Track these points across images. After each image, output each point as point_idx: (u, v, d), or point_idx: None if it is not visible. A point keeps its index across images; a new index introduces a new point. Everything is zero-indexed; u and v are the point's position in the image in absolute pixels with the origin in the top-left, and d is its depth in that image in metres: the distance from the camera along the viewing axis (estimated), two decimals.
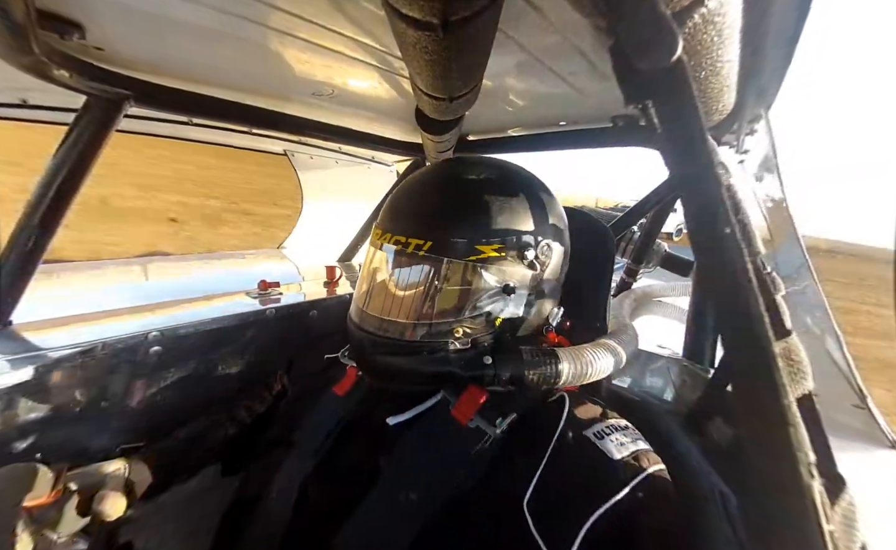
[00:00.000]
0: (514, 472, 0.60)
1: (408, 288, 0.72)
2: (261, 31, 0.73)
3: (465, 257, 0.67)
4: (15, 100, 1.13)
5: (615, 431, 0.64)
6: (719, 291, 0.39)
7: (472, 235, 0.67)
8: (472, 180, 0.73)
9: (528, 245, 0.70)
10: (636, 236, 1.60)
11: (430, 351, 0.69)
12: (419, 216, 0.71)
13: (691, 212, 0.40)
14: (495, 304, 0.69)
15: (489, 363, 0.67)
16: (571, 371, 0.68)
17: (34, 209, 0.87)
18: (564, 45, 0.73)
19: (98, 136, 0.89)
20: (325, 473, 0.73)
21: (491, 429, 0.63)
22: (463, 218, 0.68)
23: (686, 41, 0.36)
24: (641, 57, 0.36)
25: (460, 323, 0.69)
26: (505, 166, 0.79)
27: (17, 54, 0.63)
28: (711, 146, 0.38)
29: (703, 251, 0.40)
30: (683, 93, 0.37)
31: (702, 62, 0.46)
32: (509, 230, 0.69)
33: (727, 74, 0.52)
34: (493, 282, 0.69)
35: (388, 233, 0.71)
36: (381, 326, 0.71)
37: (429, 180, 0.78)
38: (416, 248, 0.67)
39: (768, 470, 0.35)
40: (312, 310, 1.36)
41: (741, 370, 0.38)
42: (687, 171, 0.40)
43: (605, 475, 0.57)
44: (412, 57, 0.56)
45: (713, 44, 0.43)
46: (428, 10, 0.44)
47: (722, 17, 0.40)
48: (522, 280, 0.71)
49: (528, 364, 0.67)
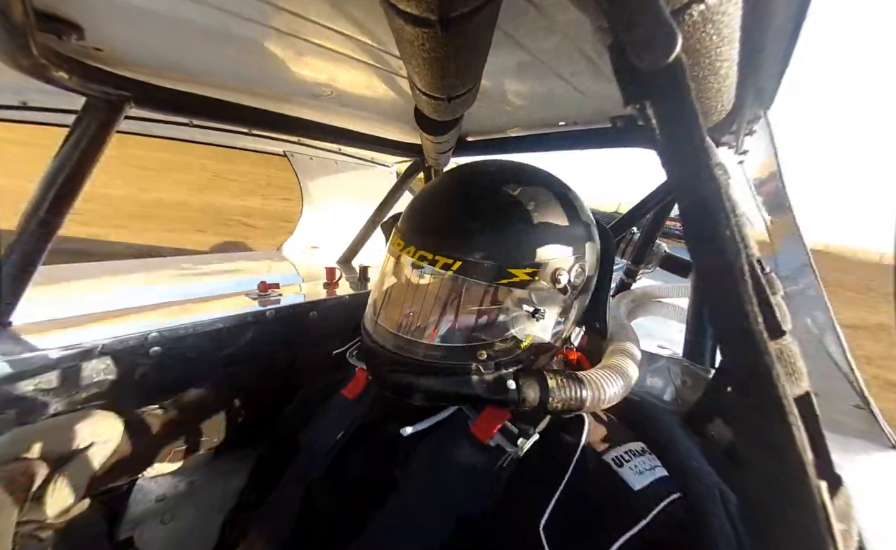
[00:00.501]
0: (532, 494, 0.59)
1: (431, 308, 0.69)
2: (261, 31, 0.73)
3: (495, 280, 0.64)
4: (15, 102, 1.13)
5: (634, 457, 0.63)
6: (716, 293, 0.38)
7: (504, 258, 0.64)
8: (506, 193, 0.68)
9: (562, 269, 0.66)
10: (636, 237, 1.59)
11: (452, 372, 0.66)
12: (448, 231, 0.67)
13: (688, 213, 0.40)
14: (522, 327, 0.67)
15: (513, 388, 0.64)
16: (594, 397, 0.67)
17: (35, 210, 0.87)
18: (564, 45, 0.73)
19: (98, 138, 0.89)
20: (335, 481, 0.71)
21: (512, 449, 0.62)
22: (495, 238, 0.65)
23: (685, 39, 0.36)
24: (640, 55, 0.36)
25: (484, 346, 0.66)
26: (539, 175, 0.75)
27: (15, 56, 0.63)
28: (709, 147, 0.37)
29: (699, 252, 0.40)
30: (682, 92, 0.37)
31: (700, 61, 0.46)
32: (543, 252, 0.66)
33: (726, 74, 0.52)
34: (522, 306, 0.66)
35: (412, 245, 0.67)
36: (399, 343, 0.69)
37: (458, 190, 0.73)
38: (443, 267, 0.64)
39: (771, 472, 0.35)
40: (312, 311, 1.36)
41: (739, 371, 0.38)
42: (684, 172, 0.40)
43: (625, 504, 0.57)
44: (410, 55, 0.55)
45: (712, 42, 0.43)
46: (426, 7, 0.43)
47: (721, 15, 0.40)
48: (553, 303, 0.69)
49: (552, 391, 0.65)
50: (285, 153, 1.96)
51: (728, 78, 0.54)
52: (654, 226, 1.54)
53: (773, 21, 0.55)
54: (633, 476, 0.59)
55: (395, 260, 0.73)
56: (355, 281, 1.67)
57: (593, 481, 0.60)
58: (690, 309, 1.18)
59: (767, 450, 0.35)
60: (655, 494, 0.58)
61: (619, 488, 0.58)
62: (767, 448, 0.35)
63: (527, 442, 0.62)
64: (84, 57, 0.80)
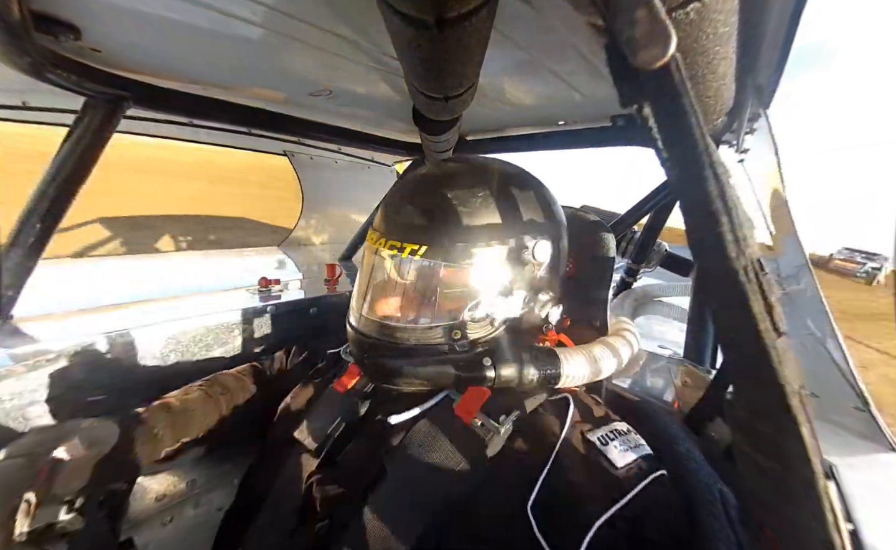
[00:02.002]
0: (519, 473, 0.60)
1: (404, 292, 0.72)
2: (259, 31, 0.73)
3: (460, 260, 0.67)
4: (16, 102, 1.13)
5: (618, 436, 0.64)
6: (718, 293, 0.38)
7: (466, 238, 0.67)
8: (465, 181, 0.72)
9: (524, 245, 0.70)
10: (637, 236, 1.59)
11: (429, 353, 0.69)
12: (414, 219, 0.70)
13: (688, 212, 0.40)
14: (493, 305, 0.69)
15: (488, 365, 0.67)
16: (572, 371, 0.69)
17: (35, 207, 0.87)
18: (562, 45, 0.73)
19: (98, 137, 0.90)
20: (331, 475, 0.72)
21: (494, 427, 0.63)
22: (457, 221, 0.68)
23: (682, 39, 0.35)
24: (636, 55, 0.35)
25: (458, 325, 0.68)
26: (500, 166, 0.78)
27: (13, 56, 0.63)
28: (709, 146, 0.37)
29: (700, 252, 0.39)
30: (679, 92, 0.36)
31: (698, 60, 0.45)
32: (504, 230, 0.69)
33: (725, 73, 0.51)
34: (489, 284, 0.69)
35: (383, 237, 0.71)
36: (378, 329, 0.72)
37: (422, 182, 0.77)
38: (411, 253, 0.67)
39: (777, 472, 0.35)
40: (313, 307, 1.36)
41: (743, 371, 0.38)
42: (684, 172, 0.40)
43: (610, 481, 0.58)
44: (407, 56, 0.55)
45: (710, 41, 0.43)
46: (422, 8, 0.43)
47: (718, 13, 0.40)
48: (519, 279, 0.71)
49: (527, 364, 0.67)
50: (285, 152, 1.96)
51: (727, 77, 0.53)
52: (654, 224, 1.53)
53: (770, 19, 0.55)
54: (617, 454, 0.61)
55: (371, 254, 0.76)
56: (355, 277, 1.68)
57: (579, 459, 0.61)
58: (691, 308, 1.18)
59: (773, 451, 0.35)
60: (639, 471, 0.60)
61: (603, 465, 0.60)
62: (772, 448, 0.35)
63: (508, 419, 0.64)
64: (82, 57, 0.80)
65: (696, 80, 0.49)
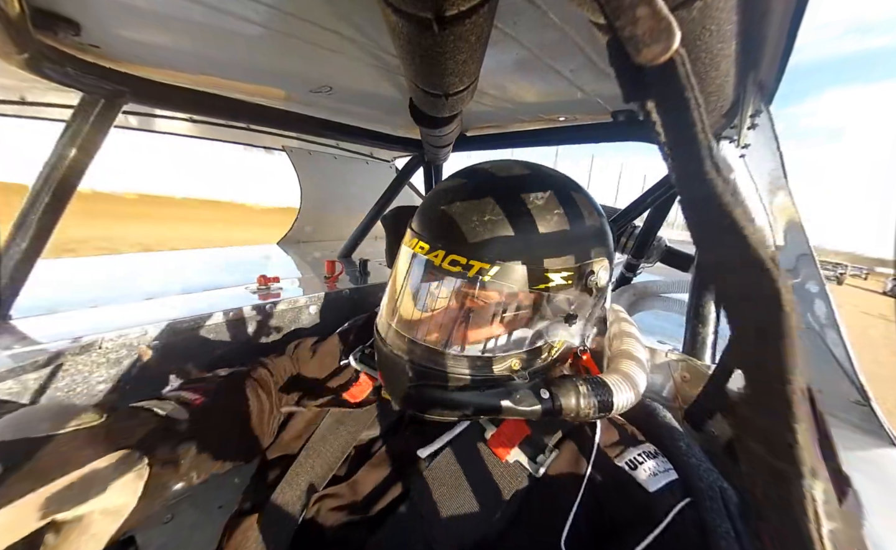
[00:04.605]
0: (551, 507, 0.59)
1: (464, 316, 0.64)
2: (258, 27, 0.72)
3: (534, 286, 0.61)
4: (14, 97, 1.13)
5: (647, 459, 0.63)
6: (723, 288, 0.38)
7: (541, 261, 0.61)
8: (537, 195, 0.64)
9: (591, 269, 0.65)
10: (637, 231, 1.59)
11: (486, 385, 0.63)
12: (483, 235, 0.61)
13: (691, 208, 0.39)
14: (555, 333, 0.65)
15: (546, 397, 0.61)
16: (621, 401, 0.64)
17: (33, 205, 0.87)
18: (563, 42, 0.73)
19: (96, 133, 0.89)
20: (339, 492, 0.68)
21: (533, 467, 0.62)
22: (532, 241, 0.61)
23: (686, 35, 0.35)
24: (639, 52, 0.35)
25: (517, 355, 0.64)
26: (558, 176, 0.72)
27: (11, 51, 0.63)
28: (712, 142, 0.37)
29: (703, 247, 0.39)
30: (683, 89, 0.36)
31: (702, 57, 0.45)
32: (576, 254, 0.64)
33: (727, 69, 0.51)
34: (556, 312, 0.64)
35: (440, 249, 0.62)
36: (423, 353, 0.64)
37: (488, 191, 0.66)
38: (479, 273, 0.59)
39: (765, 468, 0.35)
40: (312, 305, 1.36)
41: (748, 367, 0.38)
42: (686, 168, 0.39)
43: (643, 509, 0.57)
44: (407, 53, 0.55)
45: (713, 38, 0.42)
46: (422, 5, 0.43)
47: (722, 10, 0.39)
48: (583, 307, 0.67)
49: (585, 396, 0.62)
50: (284, 148, 1.95)
51: (729, 73, 0.53)
52: (654, 220, 1.53)
53: (773, 15, 0.54)
54: (646, 477, 0.60)
55: (420, 263, 0.67)
56: (355, 274, 1.68)
57: (610, 487, 0.60)
58: (690, 303, 1.18)
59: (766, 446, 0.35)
60: (671, 498, 0.58)
61: (633, 493, 0.58)
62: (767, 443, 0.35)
63: (546, 460, 0.62)
64: (80, 53, 0.80)
65: (698, 76, 0.49)
